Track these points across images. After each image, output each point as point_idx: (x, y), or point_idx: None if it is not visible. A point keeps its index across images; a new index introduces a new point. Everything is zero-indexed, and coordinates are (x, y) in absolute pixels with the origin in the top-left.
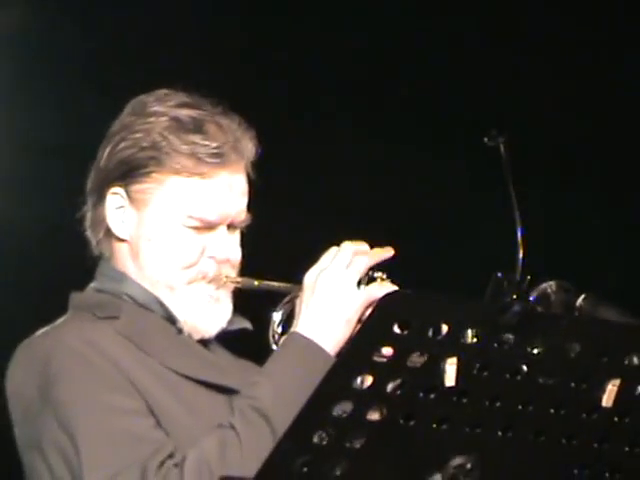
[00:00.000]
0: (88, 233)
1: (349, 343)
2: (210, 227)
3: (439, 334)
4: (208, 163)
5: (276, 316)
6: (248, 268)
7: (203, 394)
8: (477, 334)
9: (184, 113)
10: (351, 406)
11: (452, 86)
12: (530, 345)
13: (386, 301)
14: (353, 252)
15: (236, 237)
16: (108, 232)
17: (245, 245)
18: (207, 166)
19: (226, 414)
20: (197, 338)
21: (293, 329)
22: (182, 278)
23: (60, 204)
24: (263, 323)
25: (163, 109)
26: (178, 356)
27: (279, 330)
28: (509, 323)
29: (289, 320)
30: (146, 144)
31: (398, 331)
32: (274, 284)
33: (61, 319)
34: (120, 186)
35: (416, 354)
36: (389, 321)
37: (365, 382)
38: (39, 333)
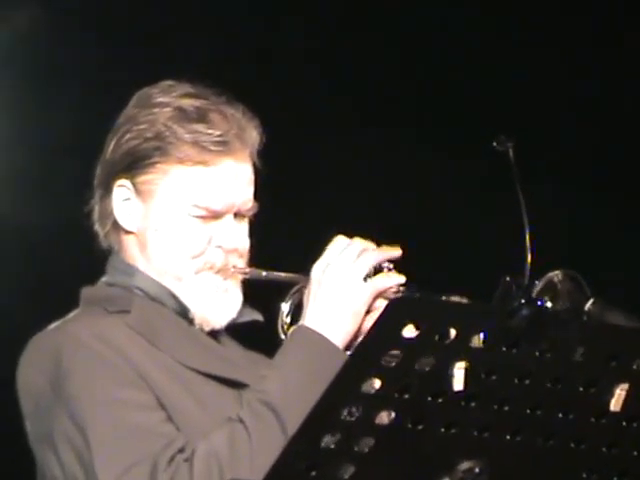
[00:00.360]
0: (96, 227)
1: (357, 347)
2: (216, 216)
3: (447, 338)
4: (212, 151)
5: (284, 307)
6: (256, 258)
7: (213, 388)
8: (485, 338)
9: (188, 103)
10: (359, 410)
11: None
12: (538, 349)
13: (394, 305)
14: (362, 247)
15: (244, 226)
16: (115, 225)
17: (253, 235)
18: (211, 154)
19: (236, 408)
20: (207, 329)
21: (301, 322)
22: (190, 268)
23: (71, 203)
24: (272, 314)
25: (167, 100)
26: (189, 350)
27: (287, 320)
28: (517, 327)
29: (297, 310)
30: (150, 135)
31: (406, 335)
32: (282, 274)
33: (72, 313)
34: (126, 178)
35: (425, 358)
36: (397, 325)
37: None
38: (50, 327)
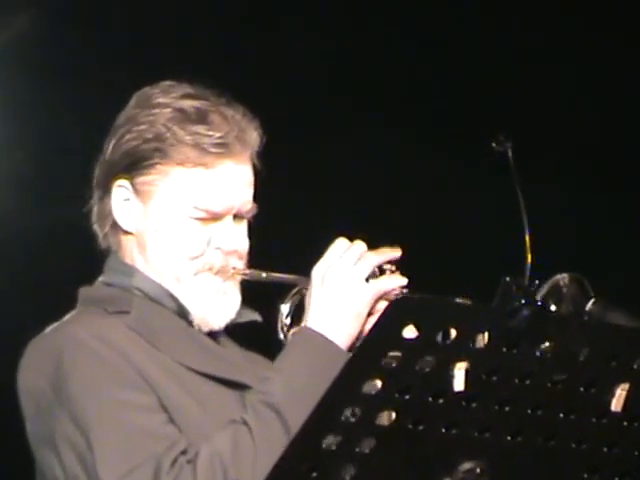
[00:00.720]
0: (95, 227)
1: (358, 348)
2: (216, 218)
3: (448, 339)
4: (212, 153)
5: (284, 308)
6: (255, 259)
7: (214, 389)
8: (486, 338)
9: (188, 104)
10: (360, 411)
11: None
12: (539, 349)
13: (395, 306)
14: (363, 249)
15: (243, 228)
16: (114, 225)
17: (252, 236)
18: (211, 156)
19: (237, 409)
20: (206, 330)
21: (303, 324)
22: (188, 269)
23: (70, 205)
24: (272, 315)
25: (167, 100)
26: (189, 351)
27: (287, 322)
28: (518, 327)
29: (297, 312)
30: (150, 136)
31: (407, 336)
32: (282, 276)
33: (70, 314)
34: (125, 178)
35: (425, 358)
36: (398, 326)
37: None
38: (49, 329)
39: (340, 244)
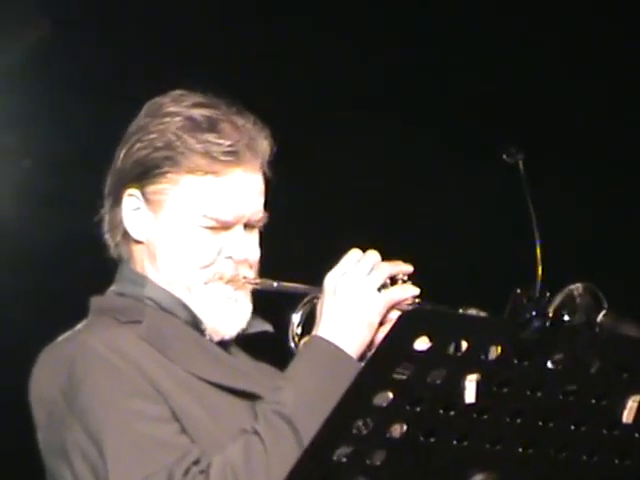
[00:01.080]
0: (106, 236)
1: (369, 360)
2: (226, 227)
3: (459, 350)
4: (222, 161)
5: (295, 317)
6: (266, 269)
7: (225, 399)
8: (497, 350)
9: (198, 112)
10: (372, 423)
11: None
12: (550, 361)
13: (406, 318)
14: (376, 260)
15: (254, 237)
16: (125, 234)
17: (263, 246)
18: (221, 164)
19: (248, 419)
20: (217, 339)
21: (314, 332)
22: (199, 278)
23: (82, 216)
24: (283, 324)
25: (178, 109)
26: (201, 361)
27: (298, 331)
28: (529, 339)
29: (308, 321)
30: (160, 144)
31: (418, 348)
32: (293, 285)
33: (82, 323)
34: (136, 187)
35: (436, 370)
36: (409, 338)
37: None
38: (62, 338)
39: (354, 254)
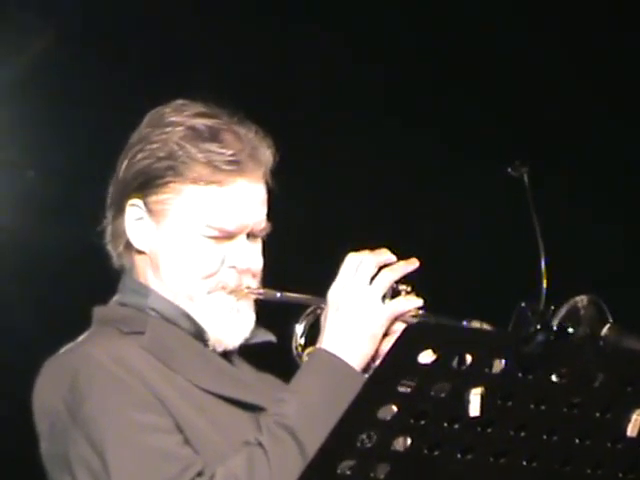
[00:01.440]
0: (109, 246)
1: (373, 373)
2: (229, 237)
3: (463, 364)
4: (224, 171)
5: (298, 328)
6: (269, 278)
7: (228, 411)
8: (502, 364)
9: (200, 122)
10: (376, 436)
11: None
12: (555, 375)
13: (410, 331)
14: (376, 265)
15: (257, 246)
16: (128, 244)
17: (266, 255)
18: (224, 174)
19: (252, 431)
20: (220, 350)
21: (318, 345)
22: (202, 288)
23: (86, 227)
24: (286, 334)
25: (179, 119)
26: (204, 373)
27: (302, 342)
28: (533, 353)
29: (312, 332)
30: (163, 154)
31: (422, 361)
32: (296, 296)
33: (85, 334)
34: (138, 197)
35: (441, 384)
36: (413, 351)
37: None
38: (65, 349)
39: (351, 261)
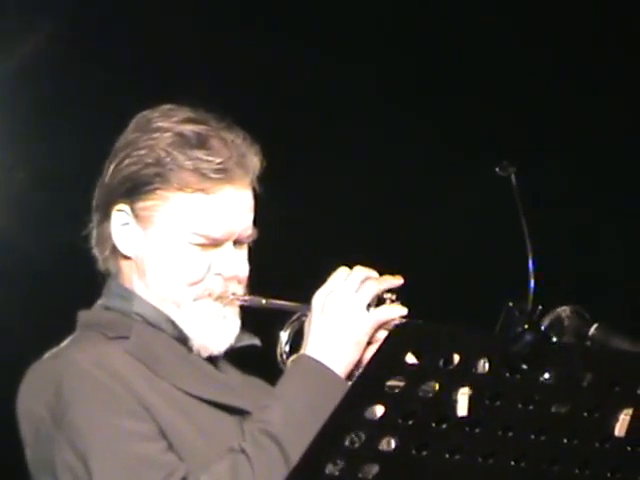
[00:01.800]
0: (94, 251)
1: (361, 373)
2: (216, 244)
3: (451, 364)
4: (212, 179)
5: (283, 335)
6: (255, 285)
7: (214, 415)
8: (489, 364)
9: (188, 128)
10: (363, 436)
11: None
12: (542, 375)
13: (398, 331)
14: (364, 276)
15: (243, 253)
16: (114, 249)
17: (252, 262)
18: (211, 182)
19: (237, 436)
20: (205, 355)
21: (302, 351)
22: (188, 295)
23: (72, 230)
24: (272, 338)
25: (167, 125)
26: (189, 377)
27: (287, 349)
28: (521, 353)
29: (296, 339)
30: (150, 160)
31: (410, 361)
32: (282, 303)
33: (69, 338)
34: (125, 203)
35: (428, 384)
36: (401, 351)
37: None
38: (48, 354)
39: (341, 272)
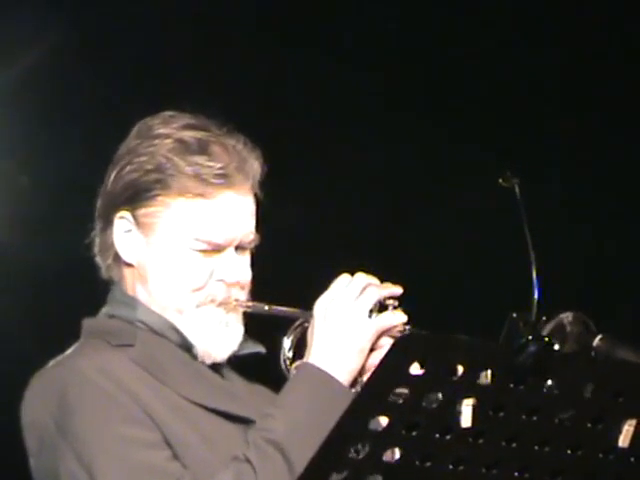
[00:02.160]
0: (97, 258)
1: (365, 384)
2: (218, 249)
3: (455, 375)
4: (213, 184)
5: (286, 342)
6: (258, 291)
7: (218, 424)
8: (493, 375)
9: (189, 135)
10: (367, 447)
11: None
12: (546, 385)
13: (402, 342)
14: (365, 283)
15: (246, 258)
16: (116, 257)
17: (255, 268)
18: (212, 187)
19: (241, 444)
20: (209, 362)
21: (305, 359)
22: (191, 301)
23: (76, 238)
24: (275, 346)
25: (168, 131)
26: (193, 385)
27: (290, 355)
28: (525, 364)
29: (299, 345)
30: (151, 167)
31: (414, 372)
32: (284, 309)
33: (74, 346)
34: (127, 210)
35: (432, 395)
36: (405, 362)
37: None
38: (53, 363)
39: (343, 279)
